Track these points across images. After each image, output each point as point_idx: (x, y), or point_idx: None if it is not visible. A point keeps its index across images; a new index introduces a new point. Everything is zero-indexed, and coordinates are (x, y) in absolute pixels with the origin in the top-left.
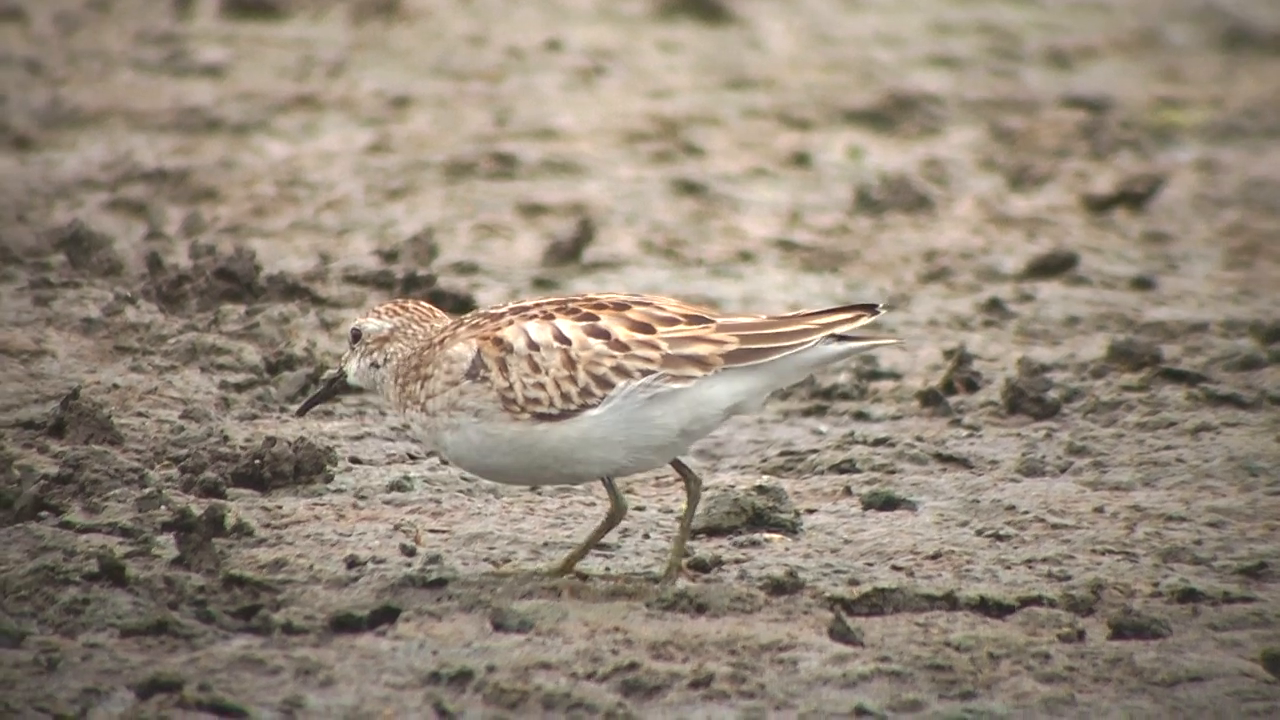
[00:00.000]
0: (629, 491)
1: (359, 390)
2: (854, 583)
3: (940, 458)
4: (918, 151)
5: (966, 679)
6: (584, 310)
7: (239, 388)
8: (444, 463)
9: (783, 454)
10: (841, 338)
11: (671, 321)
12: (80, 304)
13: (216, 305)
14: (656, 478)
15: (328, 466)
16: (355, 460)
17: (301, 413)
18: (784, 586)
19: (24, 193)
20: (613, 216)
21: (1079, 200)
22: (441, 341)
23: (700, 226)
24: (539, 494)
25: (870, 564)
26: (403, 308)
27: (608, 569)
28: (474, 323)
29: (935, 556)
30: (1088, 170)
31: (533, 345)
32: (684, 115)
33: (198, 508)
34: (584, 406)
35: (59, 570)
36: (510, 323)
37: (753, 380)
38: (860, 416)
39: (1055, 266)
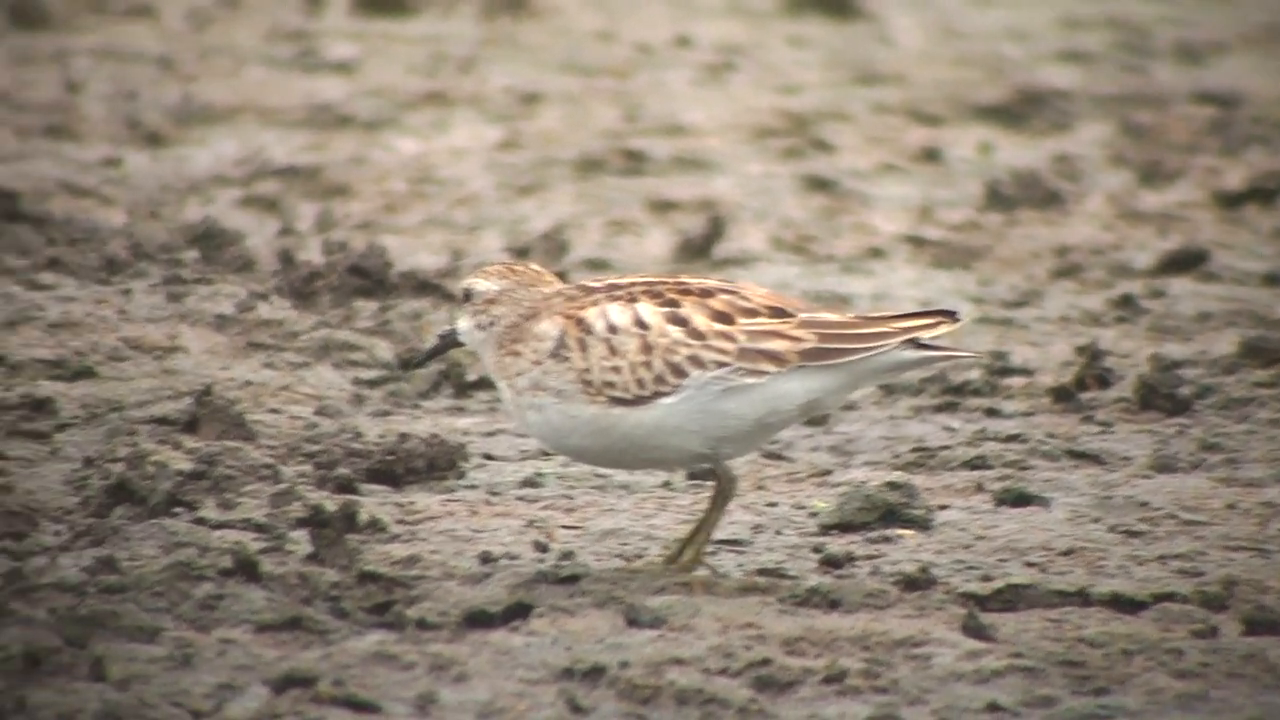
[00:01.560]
0: (761, 488)
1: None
2: (987, 579)
3: (1072, 454)
4: (1048, 147)
5: (1099, 675)
6: (669, 295)
7: (371, 384)
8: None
9: (915, 450)
10: (921, 345)
11: (753, 313)
12: (213, 300)
13: (349, 302)
14: (790, 474)
15: (460, 462)
16: (488, 456)
17: (416, 366)
18: (917, 582)
19: (157, 189)
20: (743, 212)
21: (1210, 196)
22: (534, 315)
23: (830, 222)
24: (671, 490)
25: (1003, 560)
26: (512, 270)
27: (740, 565)
28: (569, 295)
29: (1068, 553)
30: (1218, 166)
31: (612, 329)
32: (813, 111)
33: (331, 504)
34: (658, 394)
35: (193, 566)
36: (595, 302)
37: (828, 379)
38: (992, 413)
39: (1186, 262)
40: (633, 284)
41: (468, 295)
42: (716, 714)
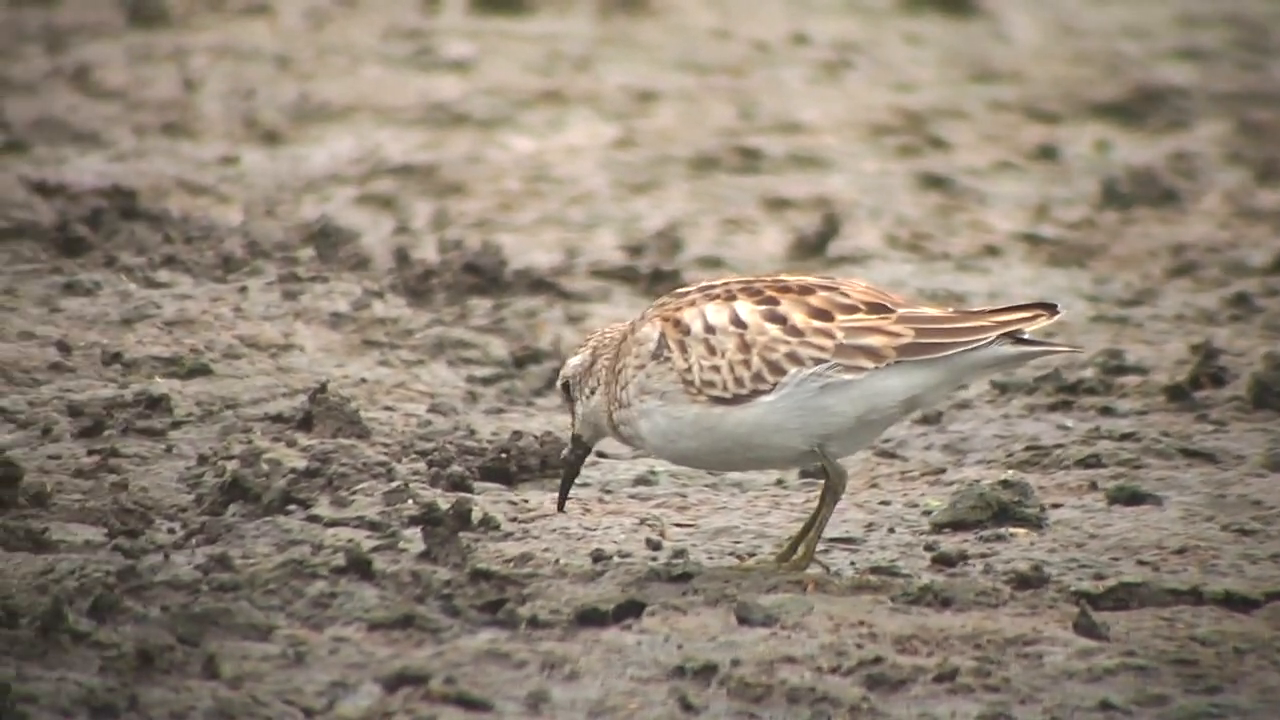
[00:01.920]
0: (874, 486)
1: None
2: (1099, 577)
3: (1186, 453)
4: (1165, 145)
5: (1212, 674)
6: (767, 293)
7: (485, 381)
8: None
9: (1028, 449)
10: (1020, 340)
11: (852, 309)
12: (328, 298)
13: (463, 299)
14: (903, 472)
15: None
16: (601, 454)
17: (561, 506)
18: (1029, 581)
19: (273, 187)
20: (857, 210)
21: None
22: (633, 326)
23: (945, 220)
24: (784, 488)
25: (1116, 559)
26: (589, 332)
27: (853, 563)
28: (662, 302)
29: (1181, 551)
30: None
31: (709, 328)
32: (929, 108)
33: (444, 501)
34: (756, 392)
35: (307, 564)
36: (693, 303)
37: (928, 375)
38: (1106, 411)
39: None
40: (727, 283)
41: (568, 387)
42: (828, 712)
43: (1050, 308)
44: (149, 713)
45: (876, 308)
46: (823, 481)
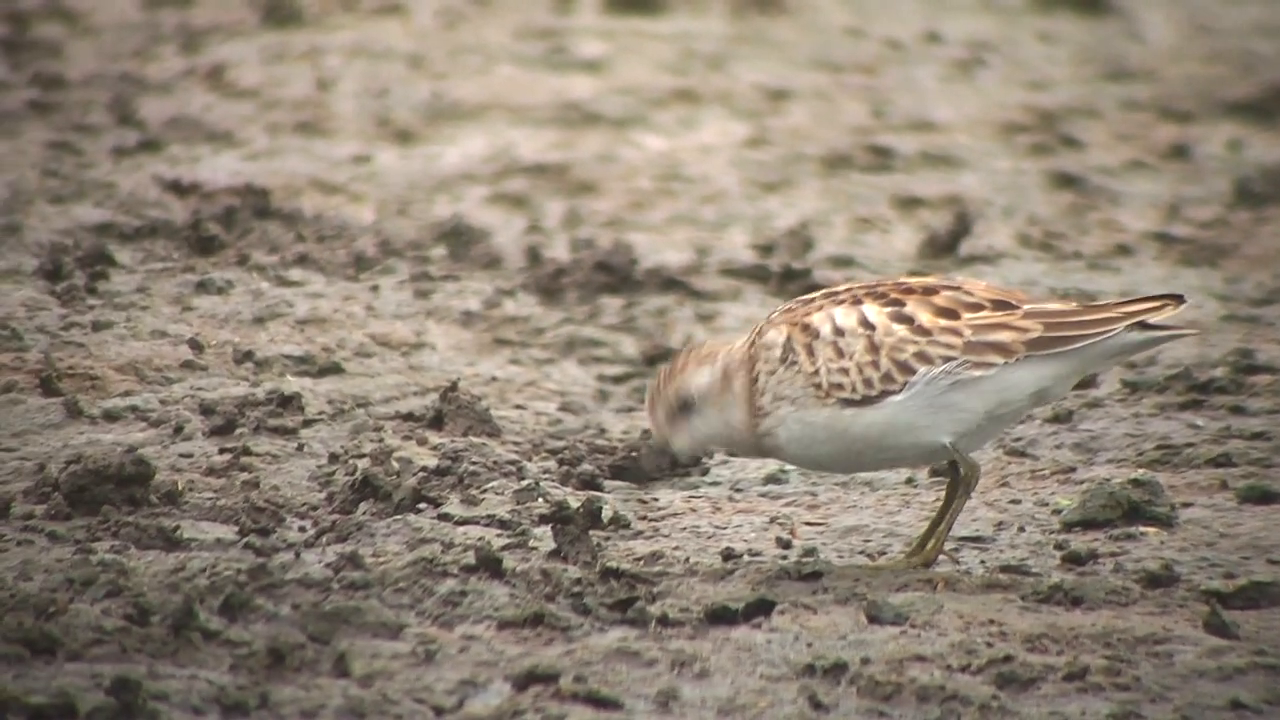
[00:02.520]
0: (1004, 484)
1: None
2: (1230, 576)
3: None
4: None
5: None
6: (892, 295)
7: (616, 380)
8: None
9: (1158, 447)
10: (1146, 326)
11: (977, 307)
12: (460, 297)
13: (594, 298)
14: (1033, 471)
15: (704, 460)
16: (731, 452)
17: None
18: (1159, 579)
19: (405, 186)
20: (989, 209)
21: None
22: (760, 331)
23: (1077, 219)
24: (914, 487)
25: (1246, 558)
26: (712, 350)
27: (983, 561)
28: (787, 308)
29: None
30: None
31: (838, 331)
32: (1062, 107)
33: (575, 500)
34: (886, 392)
35: (437, 562)
36: (820, 308)
37: (1057, 367)
38: (1237, 410)
39: None
40: (850, 288)
41: (687, 405)
42: (957, 711)
43: (1177, 298)
44: (280, 711)
45: (1001, 304)
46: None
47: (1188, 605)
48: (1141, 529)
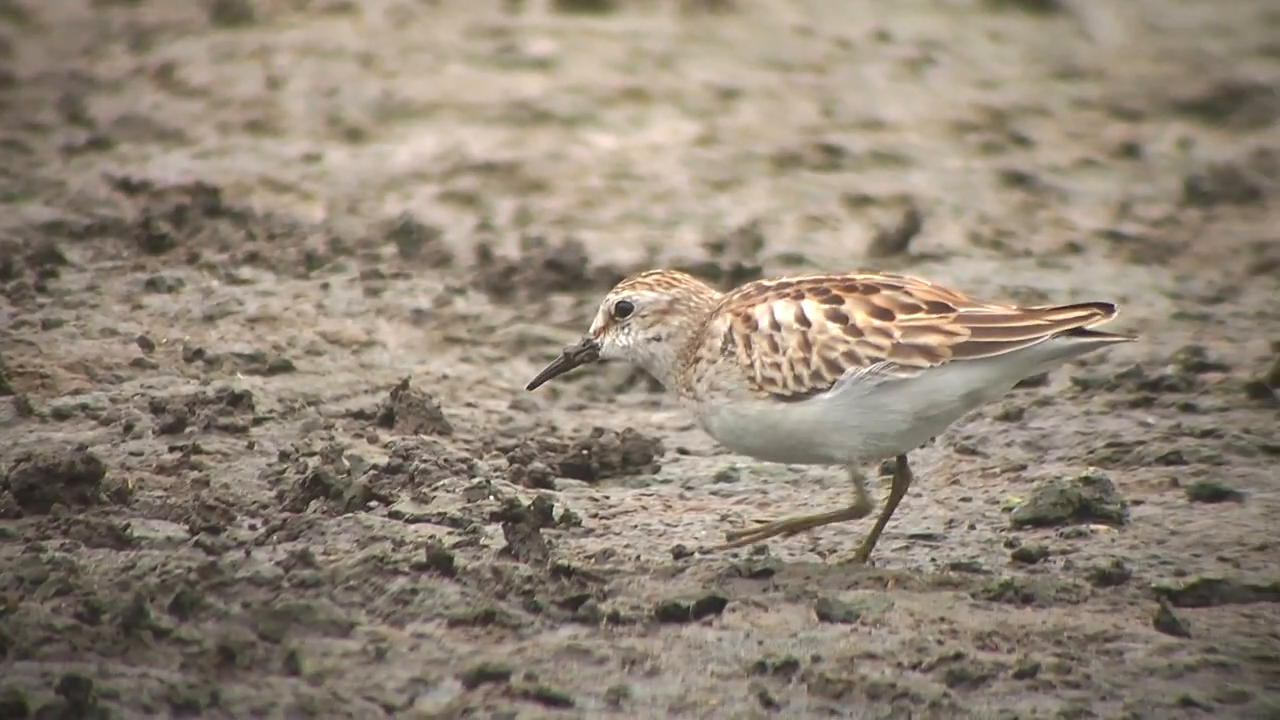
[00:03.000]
0: (955, 482)
1: (600, 363)
2: (1180, 574)
3: (1268, 449)
4: (1248, 143)
5: None
6: (833, 291)
7: (567, 378)
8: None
9: (1109, 445)
10: (1077, 332)
11: (913, 309)
12: (410, 295)
13: (545, 296)
14: (984, 469)
15: (655, 457)
16: (682, 451)
17: (532, 386)
18: (1110, 577)
19: (355, 184)
20: (939, 207)
21: None
22: (710, 316)
23: (1028, 218)
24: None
25: (1197, 555)
26: (675, 279)
27: (934, 559)
28: (744, 293)
29: (1262, 548)
30: None
31: (775, 325)
32: (1012, 106)
33: (526, 498)
34: (815, 390)
35: (388, 560)
36: (765, 299)
37: (984, 372)
38: (1187, 408)
39: None
40: (800, 281)
41: (626, 310)
42: (908, 709)
43: (1107, 306)
44: (230, 709)
45: (937, 306)
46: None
47: (1138, 603)
48: (1092, 527)
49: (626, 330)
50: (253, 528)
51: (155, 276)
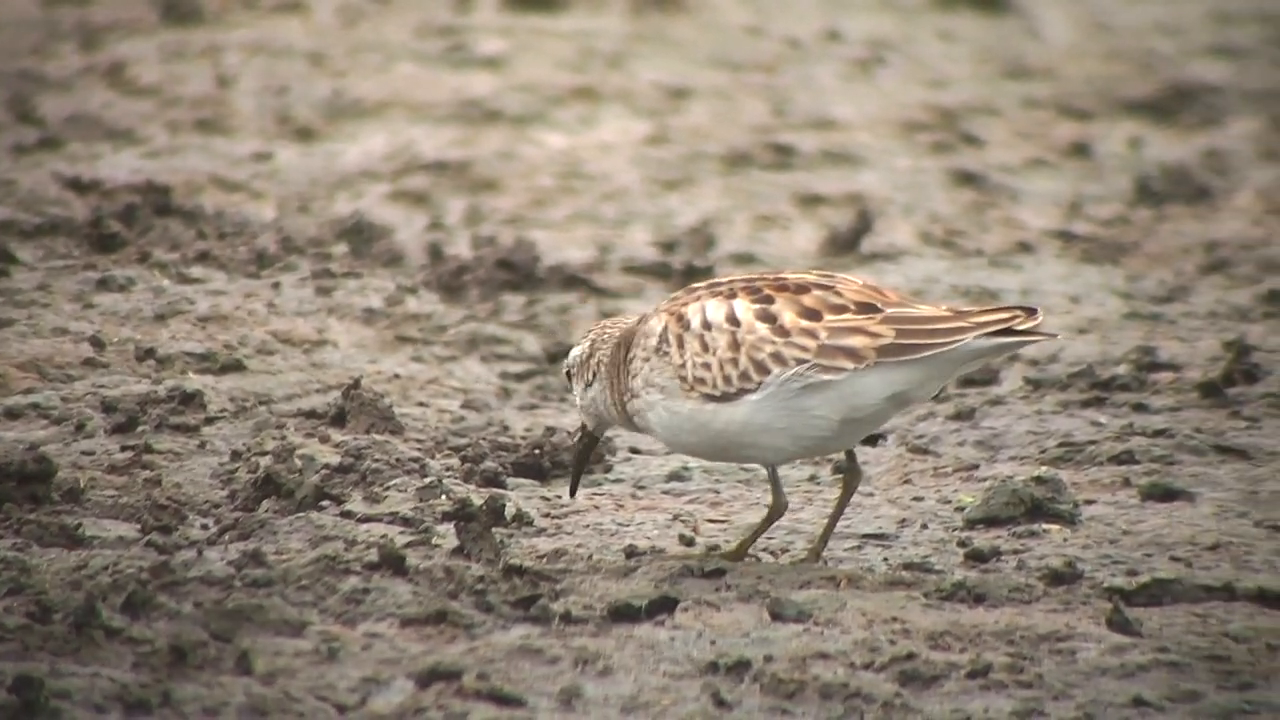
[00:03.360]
0: (907, 482)
1: (594, 434)
2: (1132, 573)
3: (1219, 449)
4: (1198, 142)
5: (1245, 670)
6: (765, 291)
7: (519, 377)
8: None
9: (1061, 445)
10: (1002, 331)
11: (841, 309)
12: (362, 294)
13: (497, 295)
14: (936, 468)
15: (607, 456)
16: (634, 450)
17: (573, 492)
18: (1062, 577)
19: (306, 183)
20: (890, 207)
21: None
22: (644, 318)
23: (978, 217)
24: (817, 484)
25: (1149, 555)
26: (592, 325)
27: (886, 559)
28: (674, 296)
29: (1214, 547)
30: None
31: (706, 325)
32: (962, 105)
33: (478, 497)
34: (743, 390)
35: (340, 560)
36: (698, 299)
37: (909, 373)
38: (1139, 408)
39: None
40: (732, 280)
41: (569, 375)
42: (861, 708)
43: (1030, 310)
44: (182, 709)
45: (866, 307)
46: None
47: (1090, 602)
48: (1044, 526)
49: (575, 393)
50: (204, 527)
51: (106, 275)
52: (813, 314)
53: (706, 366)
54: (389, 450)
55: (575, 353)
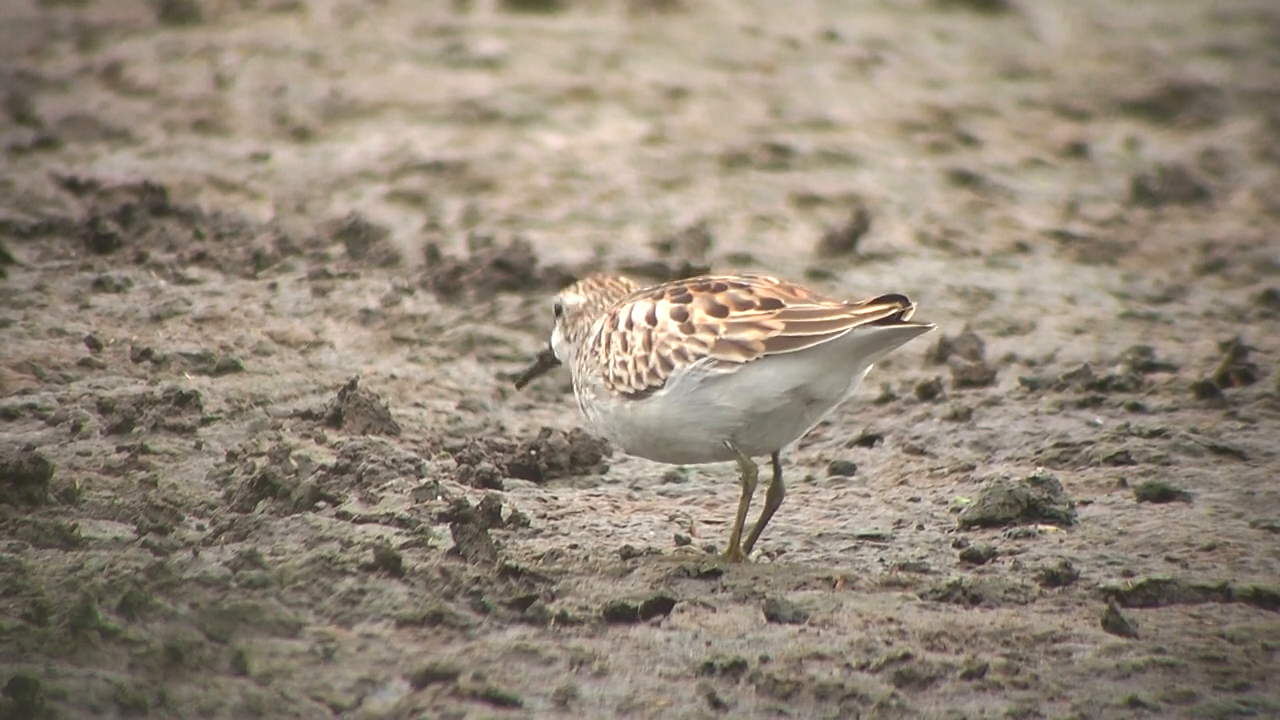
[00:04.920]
0: (903, 483)
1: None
2: (1128, 574)
3: (1215, 450)
4: (1194, 142)
5: (1240, 671)
6: (687, 290)
7: (515, 378)
8: None
9: (1057, 445)
10: (883, 322)
11: (746, 305)
12: (358, 295)
13: (493, 296)
14: (932, 469)
15: (603, 457)
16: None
17: (519, 386)
18: (1058, 578)
19: (303, 184)
20: (887, 207)
21: None
22: (613, 314)
23: (975, 217)
24: (814, 485)
25: (1145, 556)
26: (599, 283)
27: (882, 560)
28: (633, 294)
29: (1210, 548)
30: None
31: (629, 324)
32: (959, 105)
33: (474, 498)
34: (652, 387)
35: (336, 561)
36: (633, 300)
37: (802, 366)
38: (1135, 408)
39: None
40: (670, 284)
41: (558, 310)
42: (856, 709)
43: (903, 299)
44: (178, 709)
45: (769, 303)
46: (849, 479)
47: (1086, 603)
48: (1040, 527)
49: (556, 330)
50: (200, 528)
51: (103, 276)
52: (720, 310)
53: (624, 365)
54: (385, 451)
55: (572, 300)
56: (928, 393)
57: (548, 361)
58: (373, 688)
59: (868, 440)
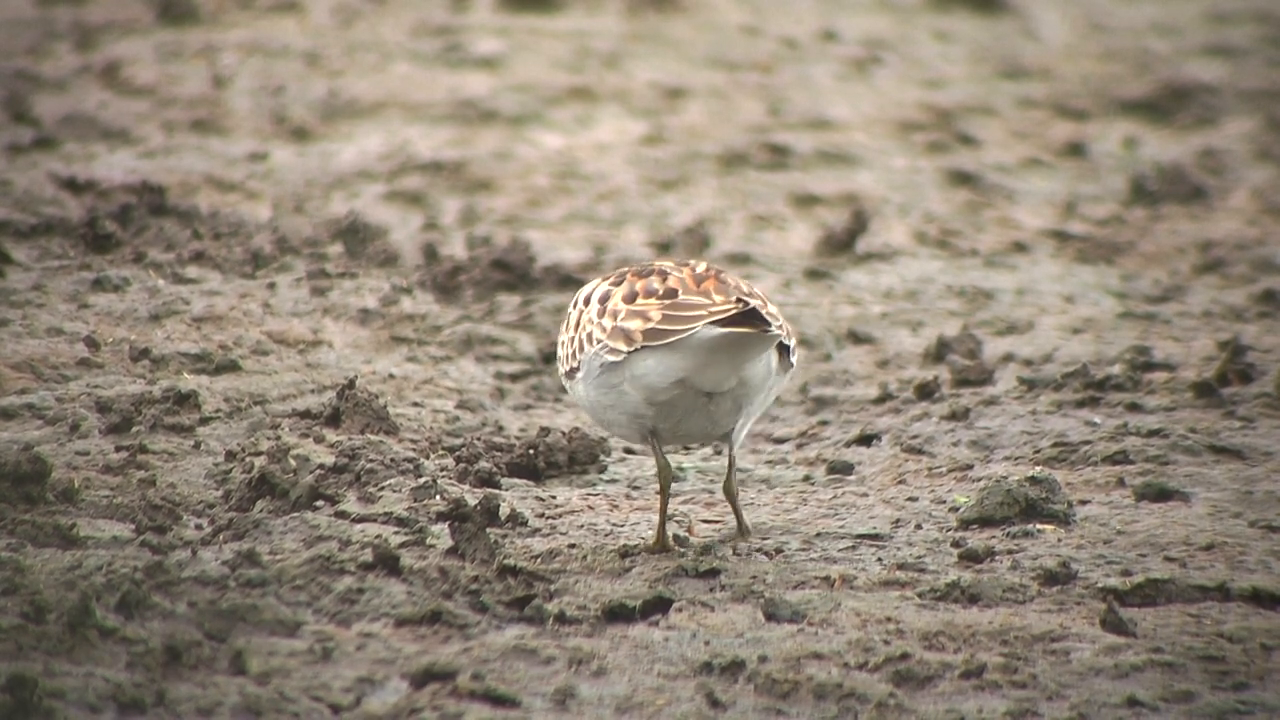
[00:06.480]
0: (901, 482)
1: None
2: (1127, 573)
3: (1214, 449)
4: (1193, 142)
5: (1239, 670)
6: (628, 275)
7: (514, 378)
8: None
9: (1056, 445)
10: (728, 322)
11: (653, 294)
12: (357, 294)
13: (492, 296)
14: (930, 468)
15: (601, 456)
16: (629, 450)
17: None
18: (1057, 577)
19: (301, 183)
20: (886, 207)
21: None
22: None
23: (974, 217)
24: (811, 484)
25: (1143, 555)
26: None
27: (880, 559)
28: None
29: (1208, 548)
30: None
31: (575, 304)
32: (958, 105)
33: (472, 497)
34: (573, 369)
35: (334, 560)
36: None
37: (677, 359)
38: (1134, 408)
39: None
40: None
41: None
42: (855, 709)
43: (743, 303)
44: (176, 708)
45: (670, 293)
46: (847, 478)
47: (1085, 603)
48: (1038, 526)
49: None
50: (199, 527)
51: (101, 276)
52: (631, 297)
53: (563, 345)
54: (384, 450)
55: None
56: (926, 392)
57: None
58: (371, 687)
59: (865, 439)
